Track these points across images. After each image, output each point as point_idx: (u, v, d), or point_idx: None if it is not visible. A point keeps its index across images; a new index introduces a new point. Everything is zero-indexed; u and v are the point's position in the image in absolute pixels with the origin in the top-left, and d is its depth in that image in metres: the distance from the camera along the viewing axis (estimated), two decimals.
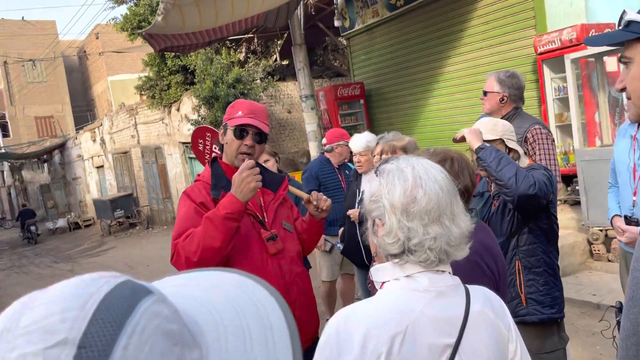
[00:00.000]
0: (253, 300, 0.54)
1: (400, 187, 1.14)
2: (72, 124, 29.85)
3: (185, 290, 0.55)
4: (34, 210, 27.43)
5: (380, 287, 1.22)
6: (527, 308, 2.24)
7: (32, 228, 19.57)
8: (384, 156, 3.16)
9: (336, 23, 9.24)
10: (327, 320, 1.09)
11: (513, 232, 2.28)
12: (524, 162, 2.41)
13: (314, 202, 2.24)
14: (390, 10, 8.23)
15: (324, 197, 2.28)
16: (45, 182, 26.82)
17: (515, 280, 2.26)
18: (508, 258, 2.26)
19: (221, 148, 2.32)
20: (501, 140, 2.37)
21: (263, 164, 3.74)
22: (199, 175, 2.30)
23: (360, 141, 3.98)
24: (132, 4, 14.07)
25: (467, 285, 1.23)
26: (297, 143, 12.98)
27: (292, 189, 2.40)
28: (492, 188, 2.47)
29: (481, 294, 1.24)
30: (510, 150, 2.38)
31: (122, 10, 15.43)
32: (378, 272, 1.22)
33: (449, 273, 1.20)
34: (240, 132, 2.19)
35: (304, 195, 2.30)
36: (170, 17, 6.44)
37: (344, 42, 9.92)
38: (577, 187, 5.61)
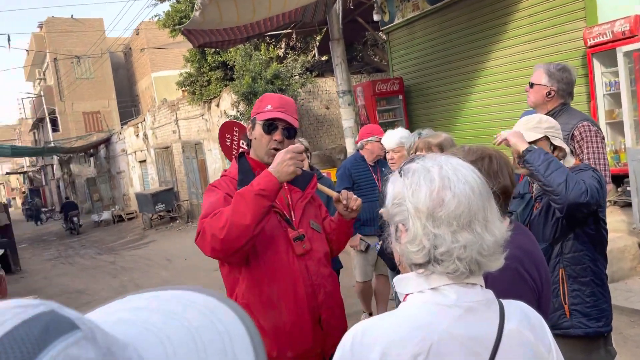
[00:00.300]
0: (220, 331, 0.44)
1: (426, 188, 1.02)
2: (117, 119, 30.67)
3: (141, 315, 0.46)
4: (81, 202, 28.40)
5: (404, 300, 1.10)
6: (571, 320, 2.06)
7: (75, 219, 20.55)
8: (418, 153, 3.03)
9: (375, 17, 9.06)
10: (364, 315, 0.98)
11: (557, 237, 2.10)
12: (570, 161, 2.23)
13: (344, 202, 2.13)
14: (432, 3, 8.00)
15: (354, 196, 2.16)
16: (91, 175, 27.67)
17: (559, 290, 2.09)
18: (551, 265, 2.09)
19: (249, 143, 2.24)
20: (546, 138, 2.20)
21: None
22: (225, 170, 2.24)
23: (393, 137, 3.84)
24: (174, 1, 14.26)
25: (502, 301, 1.10)
26: (334, 139, 12.88)
27: (321, 187, 2.30)
28: (533, 189, 2.30)
29: (518, 310, 1.10)
30: (555, 148, 2.20)
31: (165, 7, 15.67)
32: (401, 282, 1.11)
33: (481, 286, 1.07)
34: (269, 126, 2.11)
35: (334, 194, 2.19)
36: (207, 13, 6.44)
37: (384, 36, 9.73)
38: (628, 188, 5.29)
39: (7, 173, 51.54)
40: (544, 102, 2.87)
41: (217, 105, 13.71)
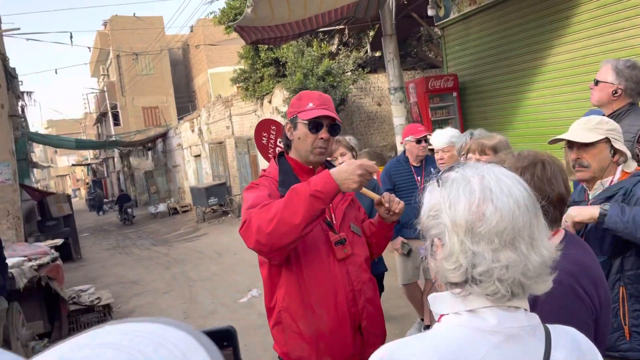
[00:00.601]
0: None
1: (466, 200, 0.92)
2: (174, 114, 31.57)
3: (106, 355, 0.41)
4: (139, 194, 29.45)
5: (438, 320, 1.00)
6: (631, 343, 1.88)
7: (129, 211, 21.80)
8: (470, 155, 2.88)
9: (430, 12, 8.83)
10: (418, 321, 0.89)
11: (617, 251, 1.92)
12: (631, 166, 2.04)
13: (386, 204, 2.03)
14: None
15: (397, 199, 2.06)
16: (149, 168, 28.64)
17: (618, 310, 1.91)
18: (610, 282, 1.91)
19: (288, 144, 2.17)
20: (606, 140, 2.02)
21: (339, 158, 3.58)
22: (264, 170, 2.19)
23: (442, 137, 3.71)
24: None
25: (549, 326, 0.98)
26: (385, 137, 12.70)
27: (362, 189, 2.22)
28: (589, 197, 2.11)
29: (567, 338, 0.98)
30: (616, 152, 2.03)
31: (221, 4, 15.93)
32: (436, 301, 1.01)
33: (525, 310, 0.96)
34: (315, 125, 2.04)
35: (375, 196, 2.10)
36: (259, 9, 6.46)
37: (438, 32, 9.47)
38: None
39: (73, 165, 54.18)
40: (610, 102, 2.66)
41: (270, 102, 13.81)
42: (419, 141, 4.26)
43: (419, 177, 4.25)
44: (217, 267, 9.55)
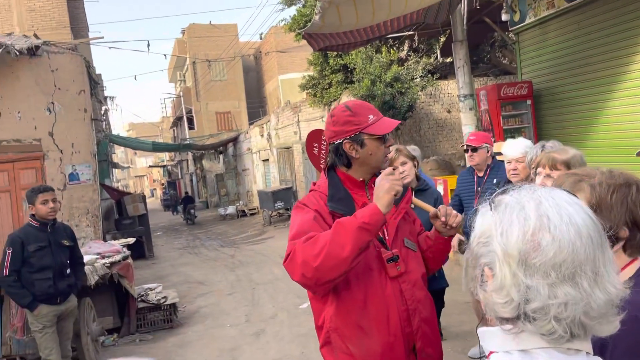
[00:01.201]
0: None
1: (519, 228, 0.84)
2: (246, 119, 32.39)
3: None
4: (210, 196, 30.42)
5: (487, 357, 0.92)
6: None
7: (192, 211, 23.44)
8: (539, 169, 2.70)
9: (504, 17, 8.50)
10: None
11: None
12: None
13: (442, 218, 1.94)
14: (569, 0, 7.30)
15: (454, 212, 1.95)
16: (220, 171, 29.52)
17: None
18: None
19: (345, 163, 2.04)
20: None
21: (400, 167, 3.48)
22: (314, 184, 2.13)
23: (517, 146, 3.54)
24: (300, 6, 14.66)
25: None
26: (454, 144, 12.36)
27: (416, 201, 2.12)
28: None
29: None
30: None
31: (292, 11, 16.19)
32: (485, 336, 0.92)
33: (587, 354, 0.85)
34: (387, 136, 1.99)
35: (431, 209, 2.00)
36: (327, 16, 6.47)
37: (513, 37, 9.10)
38: None
39: (150, 166, 56.87)
40: None
41: None
42: (465, 150, 4.21)
43: (479, 188, 4.09)
44: (280, 271, 9.64)
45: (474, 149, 4.14)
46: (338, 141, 1.99)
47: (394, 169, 1.88)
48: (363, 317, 1.89)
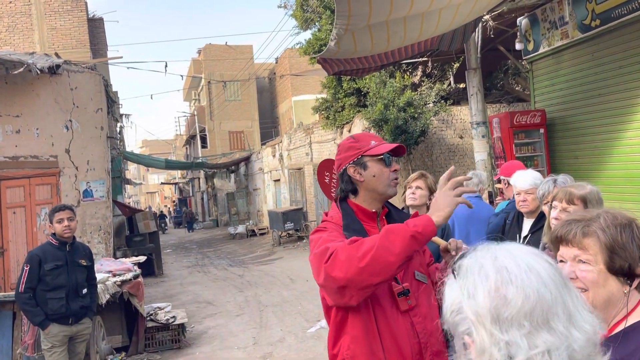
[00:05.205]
0: None
1: (483, 287, 0.85)
2: (258, 139, 32.63)
3: None
4: (220, 214, 30.57)
5: None
6: None
7: (194, 225, 26.38)
8: (555, 203, 2.70)
9: (517, 46, 8.56)
10: None
11: None
12: None
13: (452, 252, 1.94)
14: (583, 31, 7.35)
15: (464, 246, 1.95)
16: (231, 190, 29.64)
17: None
18: None
19: (351, 189, 2.08)
20: None
21: (413, 189, 3.46)
22: (326, 214, 2.15)
23: (526, 178, 3.53)
24: (315, 30, 14.87)
25: None
26: (466, 170, 12.31)
27: None
28: None
29: None
30: None
31: (307, 35, 16.42)
32: None
33: None
34: (389, 158, 2.04)
35: (441, 242, 2.01)
36: (342, 42, 6.56)
37: (527, 65, 9.14)
38: None
39: (162, 183, 57.26)
40: None
41: (349, 131, 13.92)
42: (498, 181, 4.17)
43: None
44: (288, 293, 9.61)
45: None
46: (344, 167, 2.07)
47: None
48: (377, 348, 1.90)
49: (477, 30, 8.11)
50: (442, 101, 12.10)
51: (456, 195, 1.82)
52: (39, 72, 8.23)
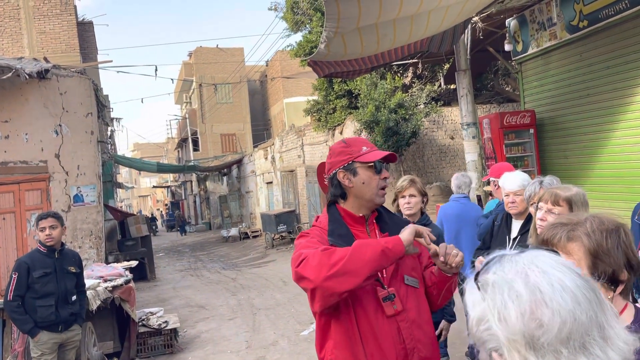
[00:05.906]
0: None
1: (515, 309, 0.79)
2: (250, 141, 32.58)
3: None
4: (213, 217, 30.46)
5: None
6: None
7: (186, 228, 26.45)
8: (541, 204, 2.72)
9: (507, 47, 8.61)
10: None
11: None
12: None
13: (441, 258, 1.92)
14: (571, 32, 7.41)
15: (454, 250, 1.92)
16: (223, 193, 29.58)
17: None
18: None
19: (340, 193, 2.09)
20: None
21: (407, 198, 3.48)
22: (316, 219, 2.16)
23: (515, 179, 3.56)
24: (306, 32, 14.88)
25: None
26: (457, 171, 12.37)
27: (418, 239, 2.12)
28: None
29: None
30: None
31: (298, 37, 16.44)
32: None
33: None
34: (379, 165, 2.03)
35: (432, 246, 2.00)
36: (332, 45, 6.57)
37: (516, 66, 9.20)
38: None
39: (154, 186, 57.03)
40: None
41: (341, 133, 13.93)
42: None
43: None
44: (281, 296, 9.60)
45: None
46: (334, 172, 2.06)
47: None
48: (361, 353, 1.89)
49: (466, 31, 8.16)
50: (433, 102, 12.15)
51: (419, 227, 1.90)
52: (27, 77, 8.17)
